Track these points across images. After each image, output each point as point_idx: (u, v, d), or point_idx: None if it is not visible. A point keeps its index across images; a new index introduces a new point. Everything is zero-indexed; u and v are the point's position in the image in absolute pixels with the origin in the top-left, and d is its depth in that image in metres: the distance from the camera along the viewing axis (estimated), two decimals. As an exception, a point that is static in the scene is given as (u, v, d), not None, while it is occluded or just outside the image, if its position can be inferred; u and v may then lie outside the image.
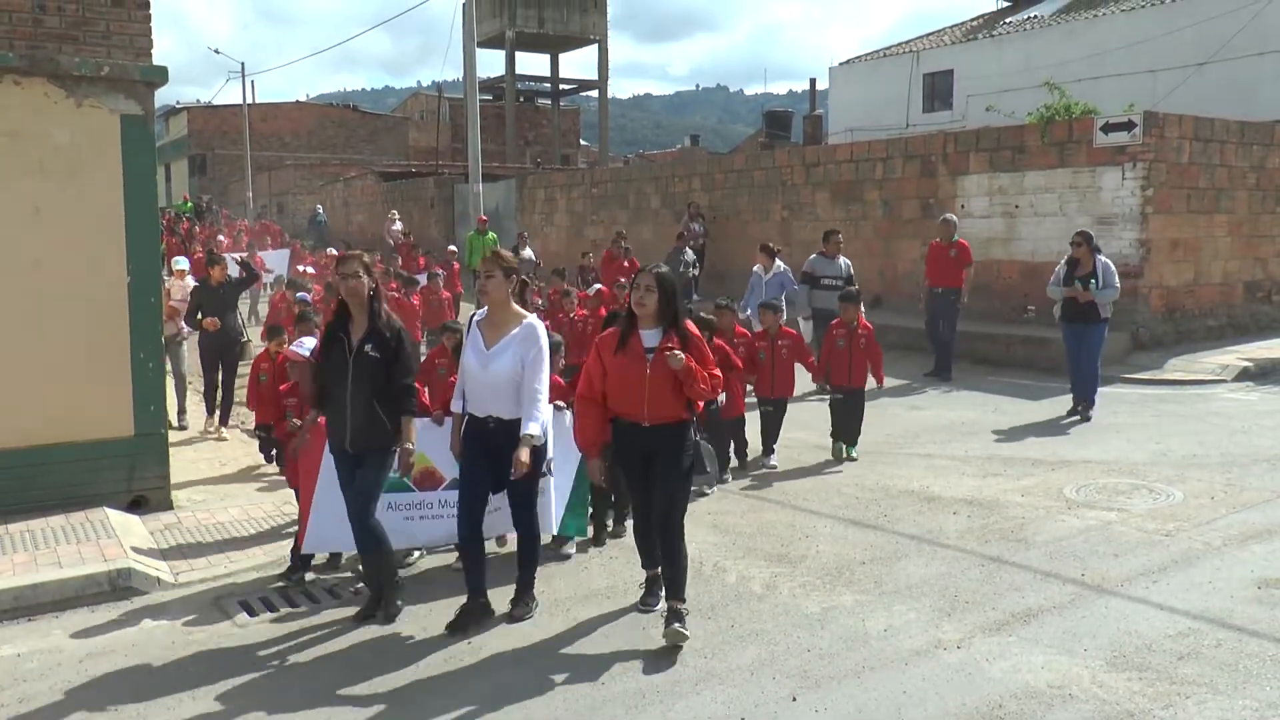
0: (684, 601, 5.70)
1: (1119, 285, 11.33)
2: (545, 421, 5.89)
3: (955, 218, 14.38)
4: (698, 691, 5.11)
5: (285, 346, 8.05)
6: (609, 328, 6.32)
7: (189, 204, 45.47)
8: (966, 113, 30.44)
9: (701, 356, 5.66)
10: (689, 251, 19.89)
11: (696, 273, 19.74)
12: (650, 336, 5.66)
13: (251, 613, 6.28)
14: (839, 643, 5.61)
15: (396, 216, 30.43)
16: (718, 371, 5.79)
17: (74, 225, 7.95)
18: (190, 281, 12.83)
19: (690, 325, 5.76)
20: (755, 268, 13.57)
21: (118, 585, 6.51)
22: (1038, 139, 15.61)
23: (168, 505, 8.37)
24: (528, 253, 22.23)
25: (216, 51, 47.64)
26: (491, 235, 23.28)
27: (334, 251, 21.32)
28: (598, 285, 14.95)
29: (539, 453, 5.96)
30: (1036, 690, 4.96)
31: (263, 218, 42.71)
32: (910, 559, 6.92)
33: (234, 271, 13.02)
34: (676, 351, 5.50)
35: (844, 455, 9.62)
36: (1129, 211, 14.40)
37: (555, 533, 6.99)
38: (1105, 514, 7.70)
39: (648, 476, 5.80)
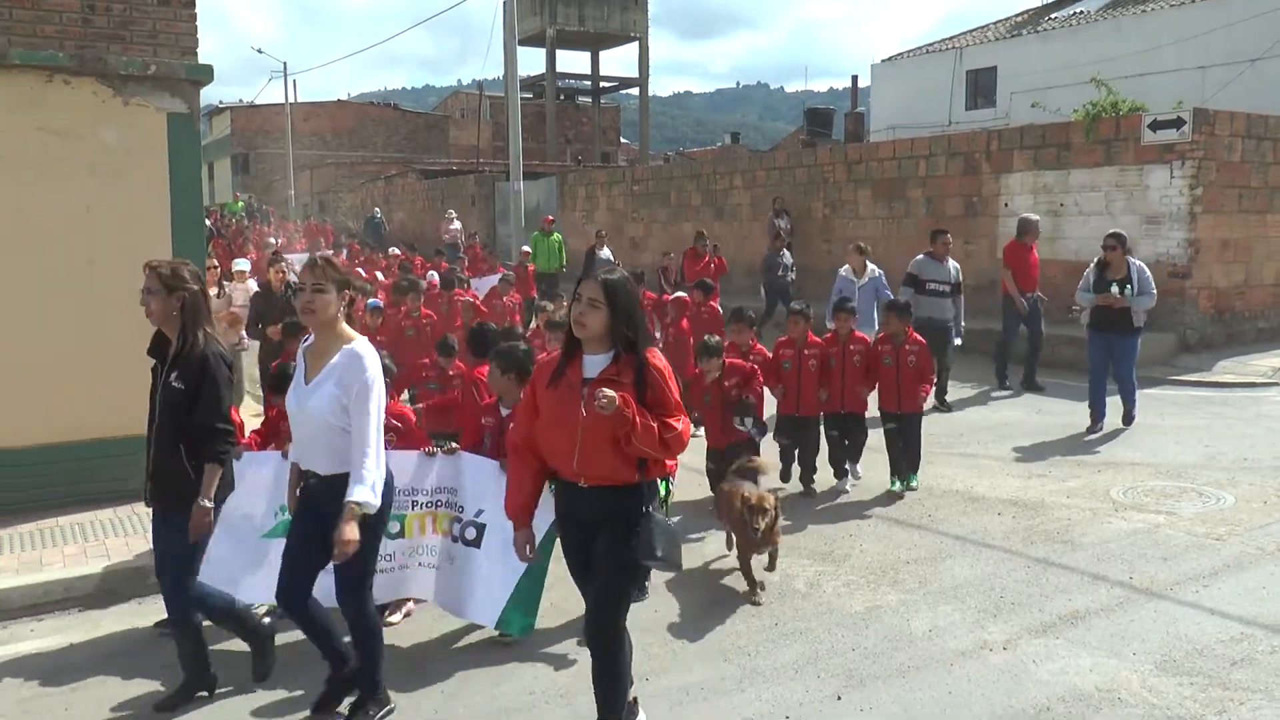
0: None
1: (1155, 291, 10.29)
2: (377, 482, 4.48)
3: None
4: (741, 689, 5.09)
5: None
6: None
7: (240, 204, 45.10)
8: (1010, 110, 30.10)
9: (660, 400, 4.14)
10: (787, 254, 17.63)
11: (793, 276, 17.66)
12: (594, 364, 4.21)
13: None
14: (884, 642, 5.57)
15: (454, 216, 29.33)
16: (680, 424, 4.17)
17: (122, 223, 8.03)
18: (253, 285, 12.00)
19: (655, 356, 4.22)
20: (842, 270, 11.69)
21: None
22: (1083, 136, 15.41)
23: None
24: (605, 252, 20.52)
25: (259, 51, 48.15)
26: (557, 236, 21.70)
27: (398, 252, 20.25)
28: (678, 293, 12.56)
29: (372, 525, 4.59)
30: (1084, 693, 4.90)
31: (311, 217, 41.96)
32: (955, 559, 6.85)
33: (294, 277, 12.53)
34: (607, 390, 3.99)
35: (904, 488, 8.40)
36: (1177, 211, 14.18)
37: (494, 628, 5.74)
38: (1153, 517, 7.59)
39: (589, 559, 4.36)
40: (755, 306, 16.98)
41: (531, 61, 49.38)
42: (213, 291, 10.23)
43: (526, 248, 20.56)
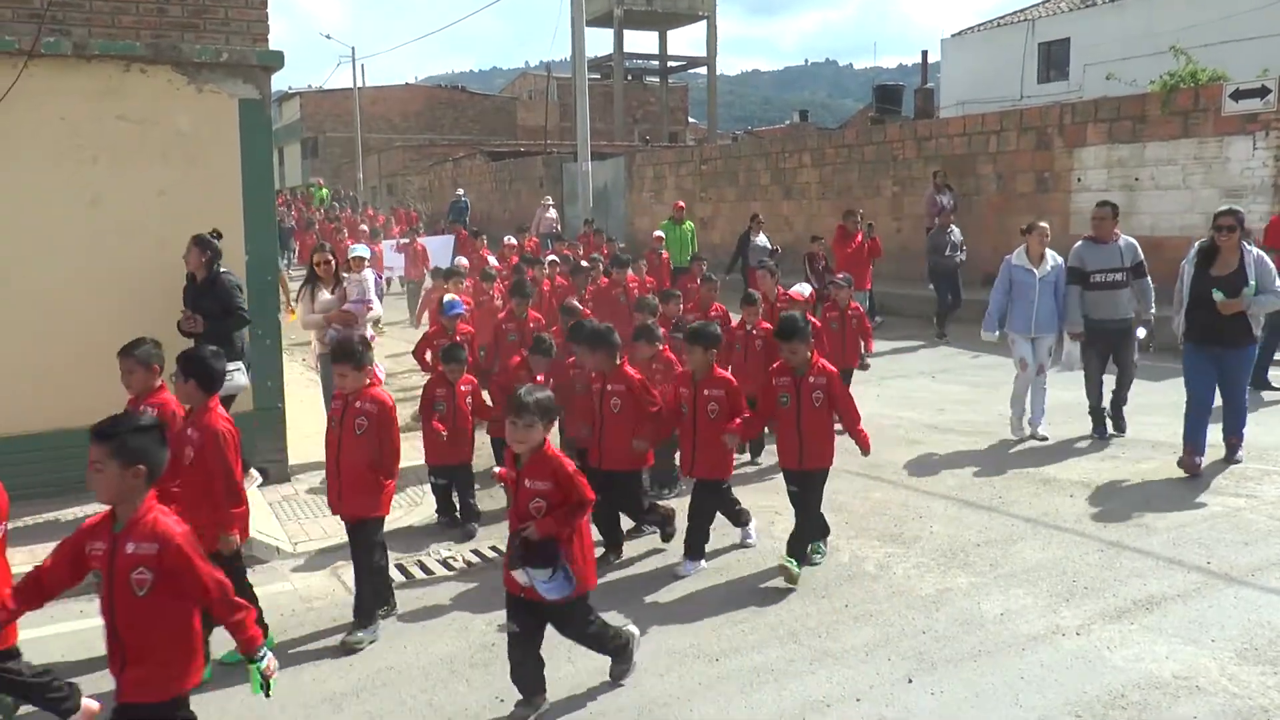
0: None
1: None
2: None
3: None
4: (813, 671, 5.07)
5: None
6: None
7: (324, 190, 41.84)
8: (1084, 83, 29.42)
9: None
10: (955, 230, 15.42)
11: (963, 257, 15.39)
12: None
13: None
14: (954, 625, 5.52)
15: (551, 203, 26.31)
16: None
17: (195, 207, 8.21)
18: (369, 276, 9.93)
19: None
20: (1013, 257, 9.47)
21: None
22: (1160, 108, 15.04)
23: (285, 478, 8.61)
24: (762, 239, 17.54)
25: (328, 37, 48.70)
26: (689, 224, 19.05)
27: (512, 240, 17.52)
28: (802, 285, 10.59)
29: None
30: (1161, 680, 4.80)
31: (400, 204, 38.85)
32: (1026, 541, 6.75)
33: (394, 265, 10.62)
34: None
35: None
36: (1260, 183, 13.79)
37: None
38: (1233, 500, 7.39)
39: None
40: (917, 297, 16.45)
41: (599, 42, 49.57)
42: (323, 295, 9.41)
43: (659, 232, 18.13)
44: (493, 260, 15.55)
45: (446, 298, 9.68)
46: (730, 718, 4.67)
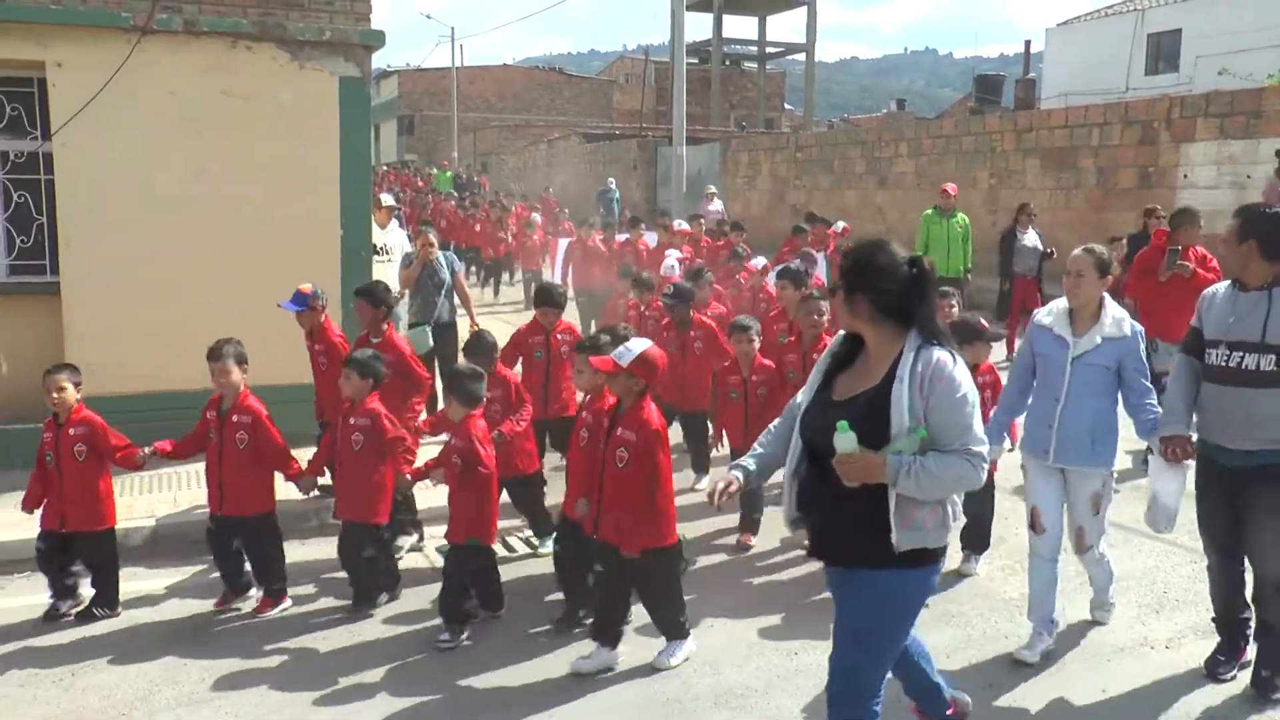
0: None
1: None
2: None
3: None
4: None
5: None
6: None
7: (448, 174, 36.91)
8: (1194, 75, 28.57)
9: None
10: None
11: None
12: None
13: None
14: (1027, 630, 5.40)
15: (715, 193, 23.45)
16: None
17: (294, 181, 8.43)
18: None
19: None
20: (1040, 310, 5.78)
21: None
22: (1277, 103, 14.51)
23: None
24: (1031, 237, 13.28)
25: (428, 17, 49.15)
26: (962, 216, 14.09)
27: (683, 225, 14.71)
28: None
29: None
30: (1251, 699, 4.64)
31: (548, 192, 33.01)
32: (1116, 549, 6.53)
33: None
34: None
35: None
36: (1381, 184, 13.23)
37: None
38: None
39: None
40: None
41: (698, 26, 49.26)
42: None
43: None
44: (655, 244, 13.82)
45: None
46: (808, 711, 4.65)
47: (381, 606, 5.90)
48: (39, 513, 5.81)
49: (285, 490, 6.10)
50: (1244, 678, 4.79)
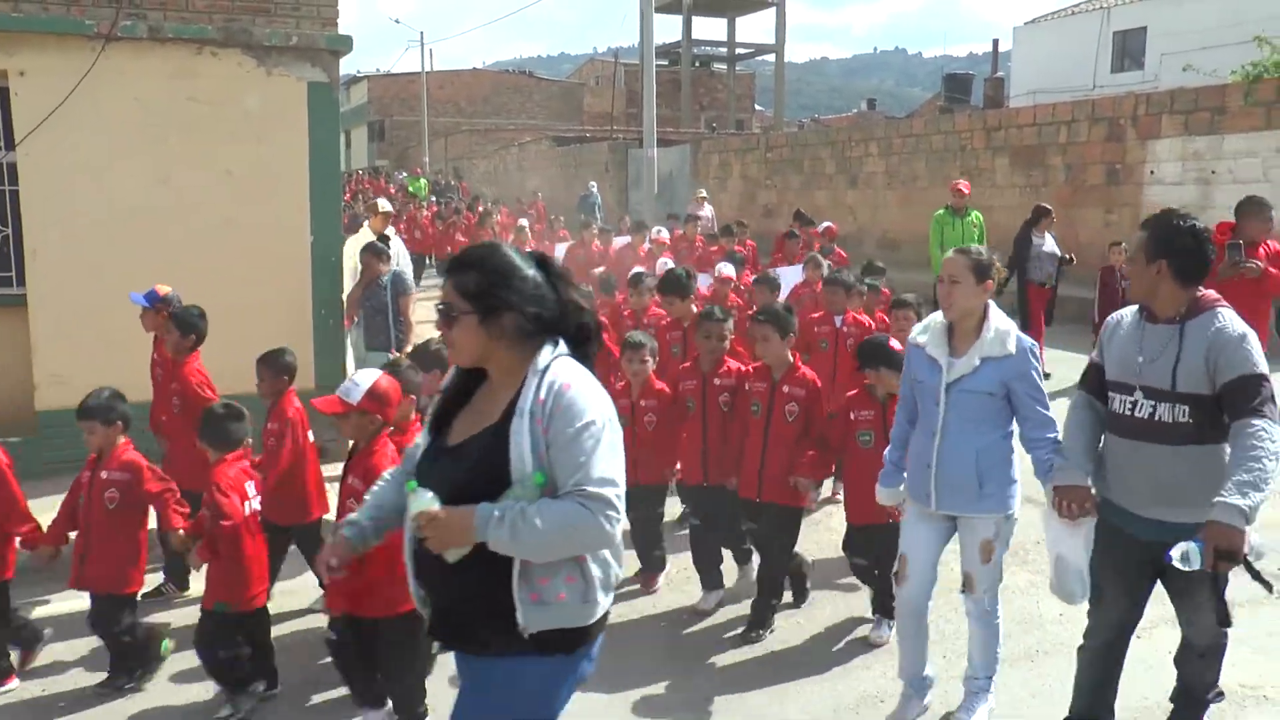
0: None
1: None
2: None
3: None
4: (867, 666, 5.10)
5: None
6: None
7: (423, 181, 35.23)
8: (1160, 73, 28.83)
9: None
10: None
11: None
12: None
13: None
14: (1012, 624, 5.42)
15: (706, 196, 22.70)
16: None
17: (261, 187, 8.40)
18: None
19: None
20: (917, 327, 5.25)
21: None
22: (1240, 99, 14.67)
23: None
24: (1048, 242, 12.03)
25: (397, 21, 49.16)
26: (975, 214, 13.53)
27: (663, 234, 14.30)
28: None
29: None
30: (1226, 689, 4.66)
31: (538, 196, 31.03)
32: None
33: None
34: None
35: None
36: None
37: None
38: (1304, 502, 7.20)
39: None
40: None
41: (667, 28, 49.24)
42: None
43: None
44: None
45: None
46: (784, 706, 4.67)
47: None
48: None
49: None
50: (1223, 677, 4.84)
